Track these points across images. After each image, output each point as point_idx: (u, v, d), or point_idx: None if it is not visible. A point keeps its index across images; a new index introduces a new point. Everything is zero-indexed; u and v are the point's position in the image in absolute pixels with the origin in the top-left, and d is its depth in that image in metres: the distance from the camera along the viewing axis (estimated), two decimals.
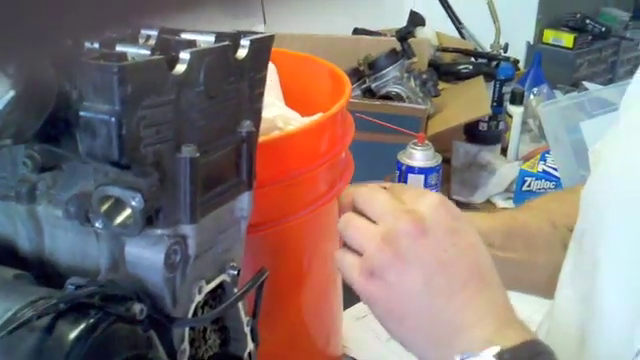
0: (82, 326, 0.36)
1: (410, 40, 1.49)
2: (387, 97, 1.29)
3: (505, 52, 1.90)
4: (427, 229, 0.49)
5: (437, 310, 0.49)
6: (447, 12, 1.96)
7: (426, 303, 0.49)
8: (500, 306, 0.49)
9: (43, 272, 0.49)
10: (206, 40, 0.50)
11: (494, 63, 1.79)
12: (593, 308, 0.54)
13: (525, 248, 0.64)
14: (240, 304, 0.53)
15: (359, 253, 0.51)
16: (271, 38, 0.52)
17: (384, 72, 1.31)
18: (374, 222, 0.52)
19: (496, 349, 0.44)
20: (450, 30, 1.99)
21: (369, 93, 1.34)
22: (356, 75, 1.34)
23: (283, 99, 0.85)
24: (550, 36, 2.08)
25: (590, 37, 2.09)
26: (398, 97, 1.29)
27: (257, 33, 0.52)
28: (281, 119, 0.72)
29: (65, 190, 0.47)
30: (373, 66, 1.35)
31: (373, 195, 0.53)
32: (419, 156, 1.05)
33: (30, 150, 0.44)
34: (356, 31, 1.80)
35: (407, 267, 0.49)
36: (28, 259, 0.50)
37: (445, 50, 1.80)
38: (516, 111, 1.51)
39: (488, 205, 1.32)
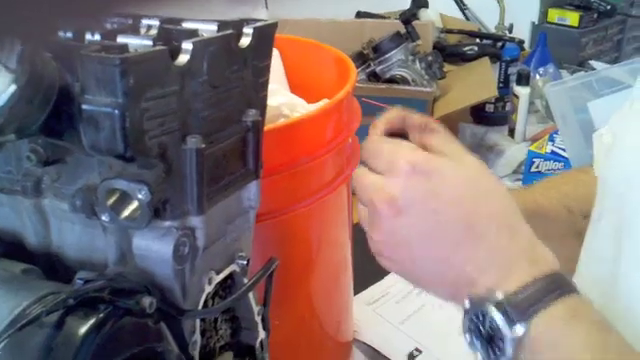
0: (92, 321, 0.36)
1: (414, 22, 1.48)
2: (392, 80, 1.28)
3: (510, 33, 1.88)
4: (401, 208, 0.48)
5: (440, 273, 0.49)
6: None
7: (427, 271, 0.50)
8: (502, 250, 0.47)
9: (51, 266, 0.49)
10: (208, 29, 0.49)
11: (499, 44, 1.77)
12: (615, 293, 0.53)
13: (542, 237, 0.63)
14: (250, 293, 0.52)
15: None
16: (274, 25, 0.52)
17: (389, 55, 1.30)
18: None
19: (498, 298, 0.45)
20: (454, 11, 1.97)
21: (374, 77, 1.33)
22: (360, 59, 1.33)
23: (288, 86, 0.84)
24: (555, 15, 2.06)
25: (595, 15, 2.06)
26: (403, 80, 1.28)
27: (260, 20, 0.51)
28: (287, 107, 0.71)
29: (70, 183, 0.46)
30: (377, 49, 1.34)
31: (360, 171, 0.53)
32: None
33: (34, 144, 0.44)
34: (359, 14, 1.79)
35: (397, 248, 0.50)
36: (36, 253, 0.50)
37: (450, 32, 1.79)
38: (523, 92, 1.50)
39: None
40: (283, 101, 0.71)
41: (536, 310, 0.44)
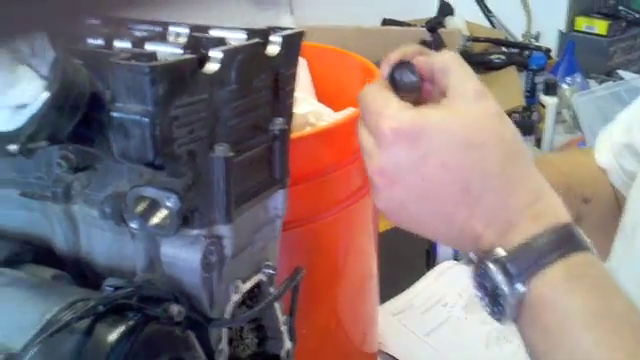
0: (121, 328, 0.36)
1: (440, 30, 1.47)
2: None
3: (537, 41, 1.87)
4: (392, 177, 0.47)
5: (444, 233, 0.48)
6: (477, 0, 1.93)
7: (432, 229, 0.49)
8: (501, 208, 0.45)
9: (79, 272, 0.49)
10: (236, 37, 0.49)
11: (526, 52, 1.76)
12: None
13: None
14: (276, 303, 0.52)
15: None
16: (301, 34, 0.52)
17: None
18: None
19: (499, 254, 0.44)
20: (480, 19, 1.96)
21: None
22: None
23: (314, 94, 0.84)
24: (583, 23, 2.04)
25: (624, 24, 2.04)
26: None
27: (287, 29, 0.51)
28: (313, 115, 0.71)
29: (100, 190, 0.47)
30: None
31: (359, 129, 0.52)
32: None
33: (64, 151, 0.45)
34: (385, 22, 1.79)
35: (399, 212, 0.49)
36: (65, 259, 0.50)
37: (476, 40, 1.78)
38: (550, 101, 1.49)
39: None
40: (309, 109, 0.71)
41: (536, 269, 0.43)
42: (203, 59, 0.43)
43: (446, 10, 1.81)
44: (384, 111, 0.48)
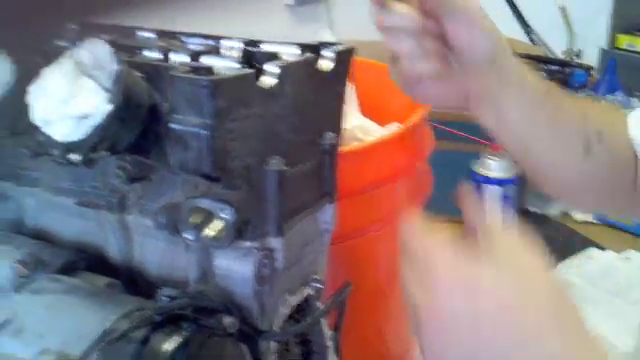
0: (178, 339, 0.36)
1: None
2: None
3: (578, 58, 1.85)
4: (446, 325, 0.45)
5: None
6: (516, 16, 1.92)
7: None
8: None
9: (132, 280, 0.49)
10: (289, 52, 0.50)
11: (567, 70, 1.74)
12: None
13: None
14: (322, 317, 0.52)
15: None
16: (352, 50, 0.52)
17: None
18: None
19: None
20: (520, 35, 1.95)
21: None
22: None
23: (360, 109, 0.84)
24: (624, 41, 2.01)
25: None
26: None
27: (337, 44, 0.51)
28: (360, 130, 0.71)
29: (154, 200, 0.47)
30: None
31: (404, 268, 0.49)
32: (495, 166, 1.02)
33: (122, 161, 0.45)
34: None
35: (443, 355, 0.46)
36: (118, 267, 0.51)
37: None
38: None
39: (565, 217, 1.27)
40: (356, 124, 0.71)
41: None
42: (259, 73, 0.44)
43: None
44: (436, 255, 0.46)
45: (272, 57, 0.47)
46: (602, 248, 1.10)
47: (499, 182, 1.02)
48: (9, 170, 0.53)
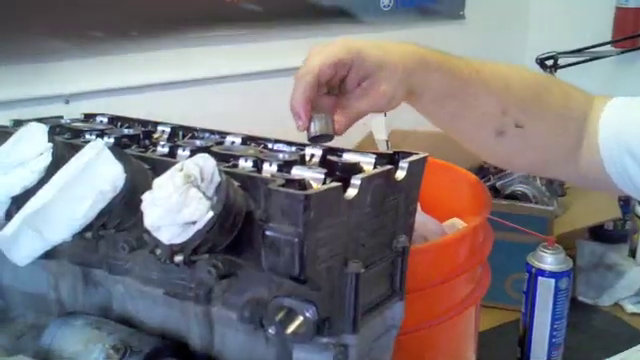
0: None
1: None
2: (513, 196, 1.29)
3: None
4: None
5: None
6: None
7: None
8: None
9: None
10: (366, 161, 0.54)
11: None
12: None
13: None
14: None
15: None
16: (425, 159, 0.56)
17: (509, 171, 1.31)
18: None
19: None
20: None
21: (494, 191, 1.35)
22: (480, 173, 1.35)
23: (419, 204, 0.88)
24: None
25: None
26: (524, 196, 1.29)
27: (412, 153, 0.55)
28: (421, 226, 0.74)
29: (238, 295, 0.51)
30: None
31: None
32: (550, 260, 1.04)
33: (215, 260, 0.49)
34: None
35: None
36: (198, 355, 0.55)
37: None
38: None
39: (616, 308, 1.27)
40: (419, 221, 0.74)
41: None
42: (344, 185, 0.48)
43: None
44: None
45: (354, 168, 0.52)
46: None
47: (553, 275, 1.04)
48: (104, 260, 0.58)
